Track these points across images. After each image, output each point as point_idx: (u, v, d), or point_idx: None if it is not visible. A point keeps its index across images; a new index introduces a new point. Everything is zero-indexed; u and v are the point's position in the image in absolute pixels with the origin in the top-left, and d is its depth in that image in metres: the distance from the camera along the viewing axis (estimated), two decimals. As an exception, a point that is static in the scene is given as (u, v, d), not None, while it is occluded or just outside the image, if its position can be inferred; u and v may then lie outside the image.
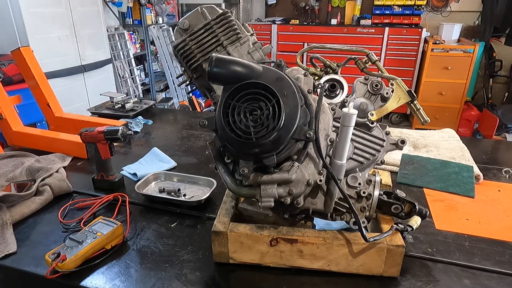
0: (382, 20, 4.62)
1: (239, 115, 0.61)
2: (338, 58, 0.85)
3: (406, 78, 4.36)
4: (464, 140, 1.40)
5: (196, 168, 1.23)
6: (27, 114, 2.02)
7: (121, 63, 4.34)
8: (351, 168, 0.72)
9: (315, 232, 0.74)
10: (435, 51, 4.14)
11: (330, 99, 0.81)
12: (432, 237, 0.88)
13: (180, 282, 0.73)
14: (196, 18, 0.80)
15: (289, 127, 0.60)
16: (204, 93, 0.84)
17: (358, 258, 0.72)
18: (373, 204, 0.73)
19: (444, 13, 4.58)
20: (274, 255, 0.74)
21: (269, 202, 0.66)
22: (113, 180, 1.08)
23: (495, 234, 0.89)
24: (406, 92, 0.76)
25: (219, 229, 0.74)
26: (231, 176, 0.71)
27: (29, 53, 1.48)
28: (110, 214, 0.95)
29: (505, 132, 3.79)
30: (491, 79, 4.37)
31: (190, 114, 2.15)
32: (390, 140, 0.75)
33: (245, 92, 0.61)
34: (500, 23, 4.13)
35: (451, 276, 0.75)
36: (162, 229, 0.90)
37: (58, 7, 3.16)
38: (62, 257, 0.73)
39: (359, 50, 0.85)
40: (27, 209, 0.95)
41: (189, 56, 0.79)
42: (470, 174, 1.15)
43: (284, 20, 5.05)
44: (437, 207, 1.02)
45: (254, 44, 0.79)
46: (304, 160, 0.67)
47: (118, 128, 1.03)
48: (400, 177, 1.16)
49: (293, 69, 0.72)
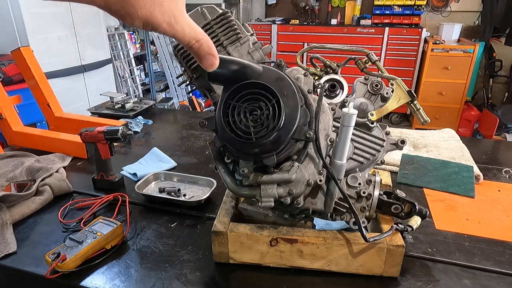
0: (382, 20, 4.62)
1: (239, 115, 0.61)
2: (338, 58, 0.85)
3: (406, 78, 4.36)
4: (464, 140, 1.40)
5: (196, 168, 1.23)
6: (27, 114, 2.02)
7: (121, 63, 4.34)
8: (351, 168, 0.72)
9: (315, 232, 0.74)
10: (435, 51, 4.14)
11: (330, 99, 0.81)
12: (432, 237, 0.88)
13: (180, 282, 0.73)
14: (196, 18, 0.80)
15: (289, 127, 0.60)
16: (204, 93, 0.84)
17: (358, 258, 0.72)
18: (373, 204, 0.73)
19: (444, 13, 4.58)
20: (274, 255, 0.74)
21: (269, 202, 0.66)
22: (113, 180, 1.08)
23: (495, 234, 0.89)
24: (406, 92, 0.76)
25: (219, 229, 0.74)
26: (231, 176, 0.71)
27: (29, 53, 1.48)
28: (110, 214, 0.95)
29: (505, 132, 3.80)
30: (491, 79, 4.37)
31: (190, 114, 2.16)
32: (390, 140, 0.75)
33: (245, 92, 0.61)
34: (500, 23, 4.13)
35: (451, 276, 0.75)
36: (162, 229, 0.90)
37: (58, 7, 3.16)
38: (62, 257, 0.73)
39: (359, 50, 0.85)
40: (27, 209, 0.95)
41: (189, 56, 0.79)
42: (470, 174, 1.15)
43: (284, 20, 5.05)
44: (437, 207, 1.02)
45: (254, 44, 0.79)
46: (304, 160, 0.67)
47: (118, 128, 1.03)
48: (400, 177, 1.16)
49: (293, 69, 0.72)
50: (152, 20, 0.39)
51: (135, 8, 0.37)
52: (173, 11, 0.39)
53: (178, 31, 0.41)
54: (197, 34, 0.43)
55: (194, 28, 0.43)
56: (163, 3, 0.39)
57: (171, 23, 0.40)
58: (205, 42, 0.44)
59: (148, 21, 0.38)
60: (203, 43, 0.43)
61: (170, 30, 0.40)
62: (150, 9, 0.38)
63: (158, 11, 0.38)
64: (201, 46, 0.43)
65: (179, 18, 0.40)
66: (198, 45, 0.43)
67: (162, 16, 0.39)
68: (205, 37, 0.44)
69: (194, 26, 0.43)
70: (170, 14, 0.39)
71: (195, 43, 0.43)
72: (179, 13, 0.40)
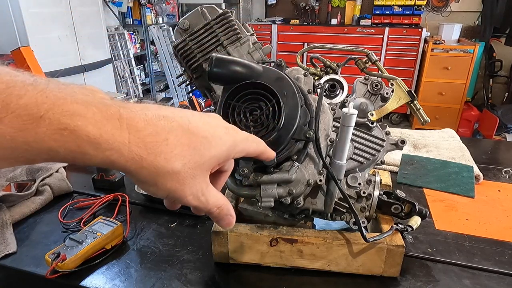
0: (382, 20, 4.63)
1: (239, 115, 0.61)
2: (338, 58, 0.85)
3: (406, 78, 4.37)
4: (464, 140, 1.40)
5: (196, 168, 1.22)
6: (27, 114, 2.02)
7: (121, 63, 4.34)
8: (351, 168, 0.72)
9: (315, 232, 0.74)
10: (435, 51, 4.14)
11: (330, 99, 0.81)
12: (432, 237, 0.88)
13: (180, 282, 0.73)
14: (196, 18, 0.80)
15: (289, 127, 0.60)
16: (204, 93, 0.84)
17: (358, 258, 0.72)
18: (373, 204, 0.73)
19: (444, 13, 4.58)
20: (274, 255, 0.74)
21: (269, 202, 0.66)
22: (113, 180, 1.08)
23: (495, 234, 0.89)
24: (406, 92, 0.76)
25: (219, 229, 0.74)
26: (231, 176, 0.71)
27: (29, 53, 1.48)
28: (110, 214, 0.95)
29: (505, 132, 3.80)
30: (491, 79, 4.37)
31: (190, 114, 2.15)
32: (390, 140, 0.75)
33: (245, 92, 0.61)
34: (500, 23, 4.13)
35: (451, 276, 0.75)
36: (162, 229, 0.90)
37: (58, 7, 3.16)
38: (62, 257, 0.73)
39: (359, 50, 0.85)
40: (27, 209, 0.95)
41: (189, 56, 0.79)
42: (470, 174, 1.15)
43: (284, 20, 5.05)
44: (437, 207, 1.02)
45: (254, 44, 0.79)
46: (304, 160, 0.67)
47: (118, 128, 1.03)
48: (400, 177, 1.16)
49: (293, 69, 0.72)
50: (179, 193, 0.35)
51: (166, 178, 0.34)
52: (202, 185, 0.37)
53: (202, 202, 0.38)
54: (219, 201, 0.41)
55: (216, 196, 0.40)
56: (196, 177, 0.36)
57: (198, 196, 0.37)
58: (225, 206, 0.42)
59: (176, 193, 0.35)
60: (224, 208, 0.41)
61: (194, 202, 0.38)
62: (181, 181, 0.35)
63: (188, 185, 0.35)
64: (221, 211, 0.41)
65: (205, 191, 0.38)
66: (218, 211, 0.41)
67: (190, 189, 0.36)
68: (225, 201, 0.42)
69: (216, 194, 0.40)
70: (198, 188, 0.37)
71: (216, 209, 0.41)
72: (205, 185, 0.38)
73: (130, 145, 0.31)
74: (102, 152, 0.30)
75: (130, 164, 0.32)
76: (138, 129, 0.32)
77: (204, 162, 0.36)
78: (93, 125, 0.29)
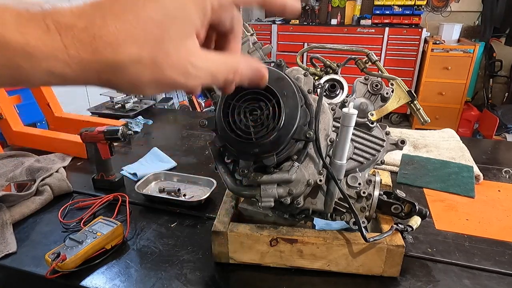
0: (382, 20, 4.62)
1: (239, 115, 0.61)
2: (338, 58, 0.85)
3: (406, 78, 4.36)
4: (464, 140, 1.40)
5: (196, 168, 1.23)
6: (27, 114, 2.02)
7: (121, 63, 4.33)
8: (351, 168, 0.72)
9: (315, 232, 0.74)
10: (435, 51, 4.14)
11: (330, 99, 0.81)
12: (432, 237, 0.88)
13: (180, 282, 0.73)
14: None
15: (289, 127, 0.60)
16: (204, 93, 0.84)
17: (358, 258, 0.72)
18: (373, 204, 0.73)
19: (444, 13, 4.58)
20: (274, 255, 0.74)
21: (269, 202, 0.66)
22: (113, 180, 1.08)
23: (495, 234, 0.89)
24: (406, 92, 0.76)
25: (219, 229, 0.74)
26: (231, 176, 0.71)
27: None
28: (110, 214, 0.95)
29: (505, 132, 3.79)
30: (491, 79, 4.37)
31: (190, 114, 2.16)
32: (390, 140, 0.75)
33: (245, 92, 0.61)
34: (500, 23, 4.13)
35: (451, 276, 0.75)
36: (162, 229, 0.90)
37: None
38: (62, 257, 0.73)
39: (359, 50, 0.85)
40: (27, 209, 0.95)
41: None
42: (470, 174, 1.15)
43: (284, 20, 5.04)
44: (437, 207, 1.02)
45: (254, 44, 0.79)
46: (304, 160, 0.67)
47: (118, 128, 1.03)
48: (400, 177, 1.16)
49: (293, 69, 0.72)
50: (163, 80, 0.29)
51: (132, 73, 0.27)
52: (182, 54, 0.29)
53: (199, 76, 0.30)
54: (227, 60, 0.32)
55: (218, 58, 0.31)
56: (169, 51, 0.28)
57: (187, 70, 0.29)
58: (243, 63, 0.33)
59: (159, 82, 0.29)
60: (244, 67, 0.33)
61: (189, 81, 0.30)
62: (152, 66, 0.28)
63: (165, 65, 0.28)
64: (243, 72, 0.33)
65: (193, 58, 0.29)
66: (239, 75, 0.32)
67: (171, 69, 0.28)
68: (236, 59, 0.33)
69: (216, 56, 0.31)
70: (181, 62, 0.29)
71: (233, 75, 0.32)
72: (191, 53, 0.29)
73: (68, 50, 0.25)
74: (39, 64, 0.25)
75: (80, 73, 0.26)
76: (68, 26, 0.25)
77: (168, 28, 0.27)
78: (14, 31, 0.24)
